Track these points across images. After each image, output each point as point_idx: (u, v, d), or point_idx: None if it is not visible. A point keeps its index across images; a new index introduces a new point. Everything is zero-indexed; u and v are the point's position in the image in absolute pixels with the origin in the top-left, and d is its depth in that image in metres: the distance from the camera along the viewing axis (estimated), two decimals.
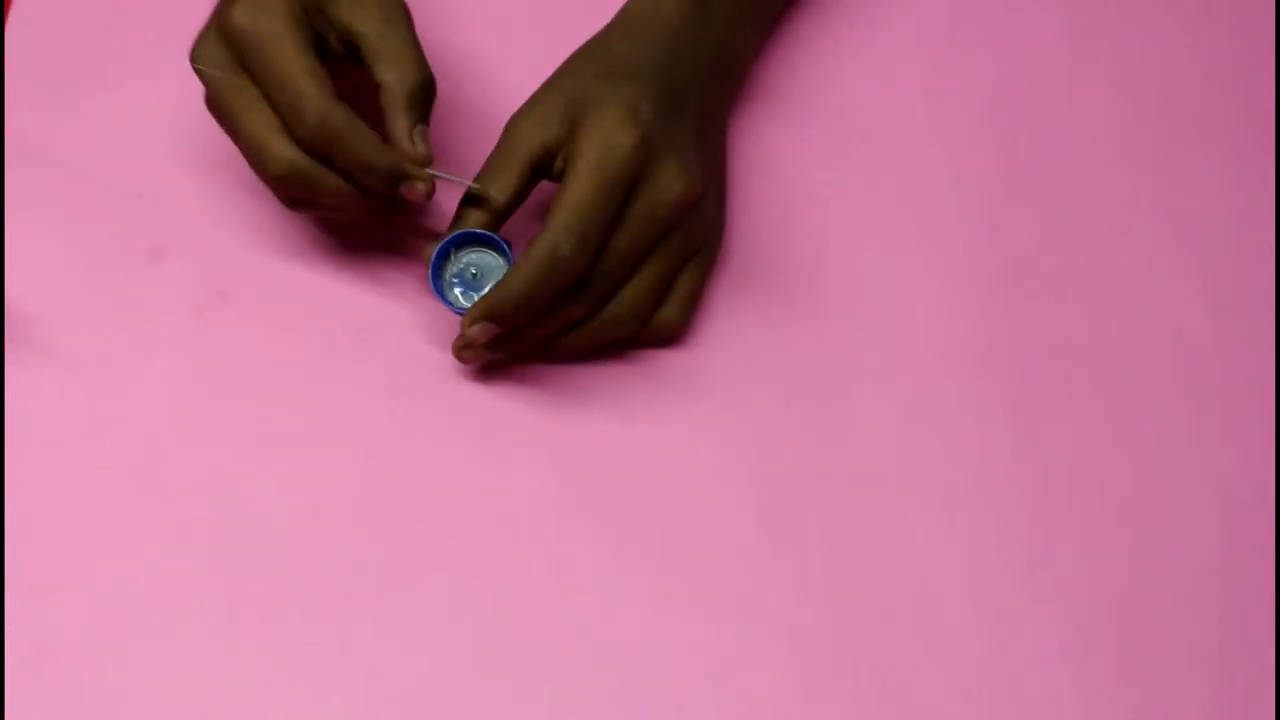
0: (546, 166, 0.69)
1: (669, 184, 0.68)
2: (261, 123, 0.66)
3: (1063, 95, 0.78)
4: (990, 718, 0.67)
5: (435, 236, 0.69)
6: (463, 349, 0.69)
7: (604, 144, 0.66)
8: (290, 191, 0.68)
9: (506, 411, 0.71)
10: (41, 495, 0.69)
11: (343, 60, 0.70)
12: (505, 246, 0.69)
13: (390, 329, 0.72)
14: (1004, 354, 0.73)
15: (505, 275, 0.66)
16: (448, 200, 0.74)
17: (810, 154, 0.77)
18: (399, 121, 0.67)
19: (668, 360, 0.73)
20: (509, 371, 0.72)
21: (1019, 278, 0.75)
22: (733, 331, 0.73)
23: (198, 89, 0.75)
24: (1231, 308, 0.75)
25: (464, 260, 0.69)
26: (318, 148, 0.66)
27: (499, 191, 0.68)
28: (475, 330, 0.67)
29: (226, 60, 0.67)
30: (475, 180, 0.68)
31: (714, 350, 0.73)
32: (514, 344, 0.70)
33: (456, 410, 0.71)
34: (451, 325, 0.73)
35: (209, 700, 0.66)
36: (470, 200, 0.69)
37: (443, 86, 0.77)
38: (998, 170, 0.77)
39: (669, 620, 0.68)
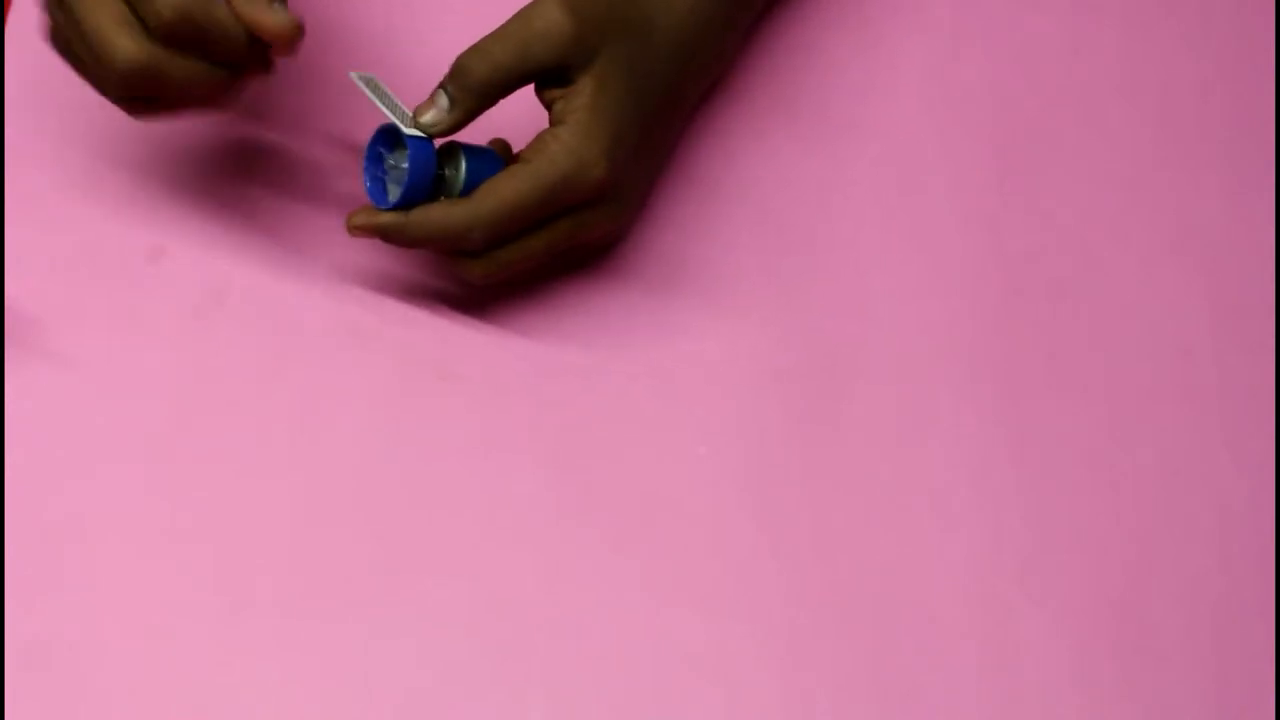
0: (530, 79, 0.67)
1: (601, 221, 0.69)
2: (105, 18, 0.63)
3: (1062, 98, 0.78)
4: (987, 718, 0.67)
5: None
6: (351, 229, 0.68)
7: (576, 165, 0.66)
8: (137, 89, 0.64)
9: (505, 411, 0.71)
10: (41, 495, 0.69)
11: None
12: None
13: (389, 328, 0.72)
14: (1002, 356, 0.73)
15: (411, 215, 0.66)
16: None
17: (809, 155, 0.77)
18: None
19: (665, 360, 0.73)
20: (507, 371, 0.72)
21: (1017, 280, 0.75)
22: (731, 332, 0.73)
23: None
24: (1231, 312, 0.75)
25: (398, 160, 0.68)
26: (179, 37, 0.63)
27: (491, 100, 0.67)
28: (358, 233, 0.67)
29: None
30: (483, 56, 0.66)
31: (712, 350, 0.73)
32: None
33: (455, 410, 0.71)
34: (451, 326, 0.73)
35: (208, 700, 0.66)
36: (464, 85, 0.67)
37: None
38: (997, 173, 0.77)
39: (666, 620, 0.68)
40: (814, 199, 0.76)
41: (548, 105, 0.68)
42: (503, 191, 0.66)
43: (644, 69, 0.69)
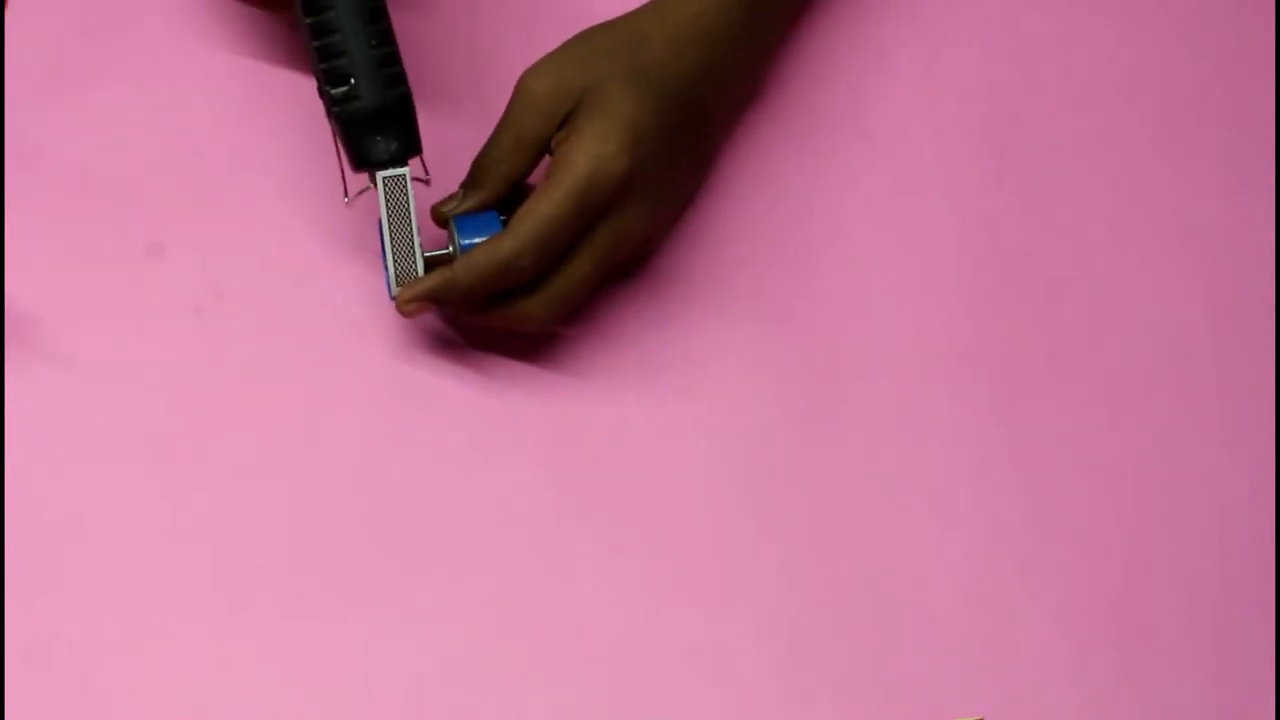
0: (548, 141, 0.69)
1: (636, 223, 0.69)
2: None
3: (1061, 97, 0.78)
4: (987, 717, 0.67)
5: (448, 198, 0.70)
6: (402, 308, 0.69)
7: (596, 162, 0.66)
8: None
9: (504, 410, 0.71)
10: (41, 494, 0.69)
11: None
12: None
13: (390, 327, 0.72)
14: (1001, 355, 0.73)
15: (456, 265, 0.67)
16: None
17: (807, 154, 0.77)
18: None
19: (664, 359, 0.73)
20: (507, 370, 0.72)
21: (1016, 279, 0.75)
22: (729, 331, 0.73)
23: (195, 86, 0.75)
24: (1231, 312, 0.75)
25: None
26: None
27: (506, 183, 0.69)
28: (410, 307, 0.68)
29: None
30: (485, 151, 0.69)
31: (710, 349, 0.73)
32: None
33: (455, 409, 0.71)
34: (450, 326, 0.73)
35: (208, 700, 0.66)
36: (474, 179, 0.69)
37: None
38: (994, 172, 0.77)
39: (666, 620, 0.68)
40: (812, 198, 0.76)
41: (554, 149, 0.68)
42: (538, 209, 0.66)
43: (651, 76, 0.69)
